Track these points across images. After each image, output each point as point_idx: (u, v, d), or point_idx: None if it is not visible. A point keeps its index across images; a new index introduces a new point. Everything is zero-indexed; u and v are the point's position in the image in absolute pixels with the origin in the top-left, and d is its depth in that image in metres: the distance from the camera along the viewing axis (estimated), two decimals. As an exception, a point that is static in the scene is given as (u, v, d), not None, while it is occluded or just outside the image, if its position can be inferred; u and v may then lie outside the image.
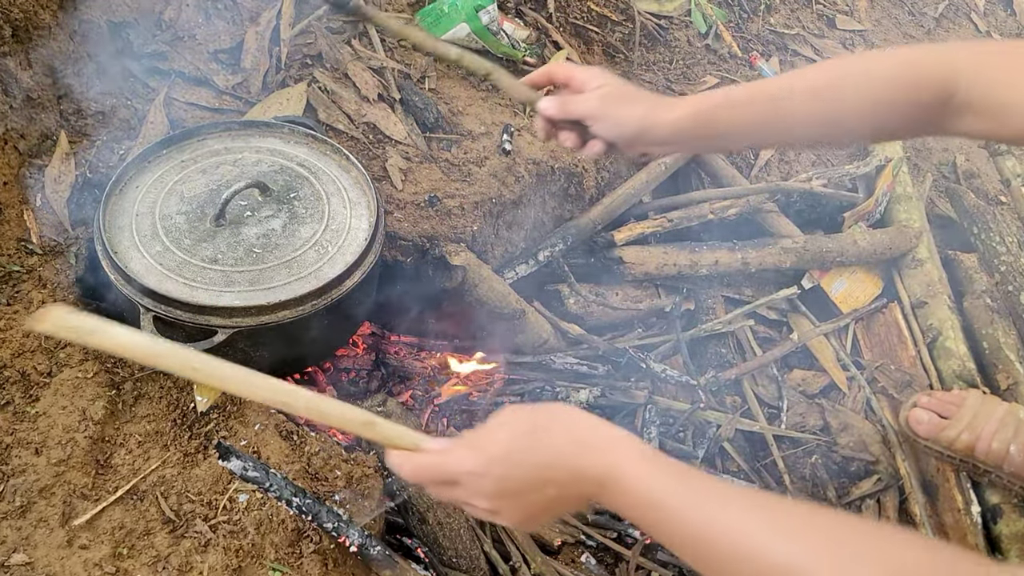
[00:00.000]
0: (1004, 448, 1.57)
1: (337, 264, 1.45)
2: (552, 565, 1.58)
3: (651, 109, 1.16)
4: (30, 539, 1.19)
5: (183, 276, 1.39)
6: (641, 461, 0.84)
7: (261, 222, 1.49)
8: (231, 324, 1.33)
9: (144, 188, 1.50)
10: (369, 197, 1.56)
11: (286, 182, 1.56)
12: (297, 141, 1.64)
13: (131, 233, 1.43)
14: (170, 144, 1.56)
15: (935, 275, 2.09)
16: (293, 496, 1.29)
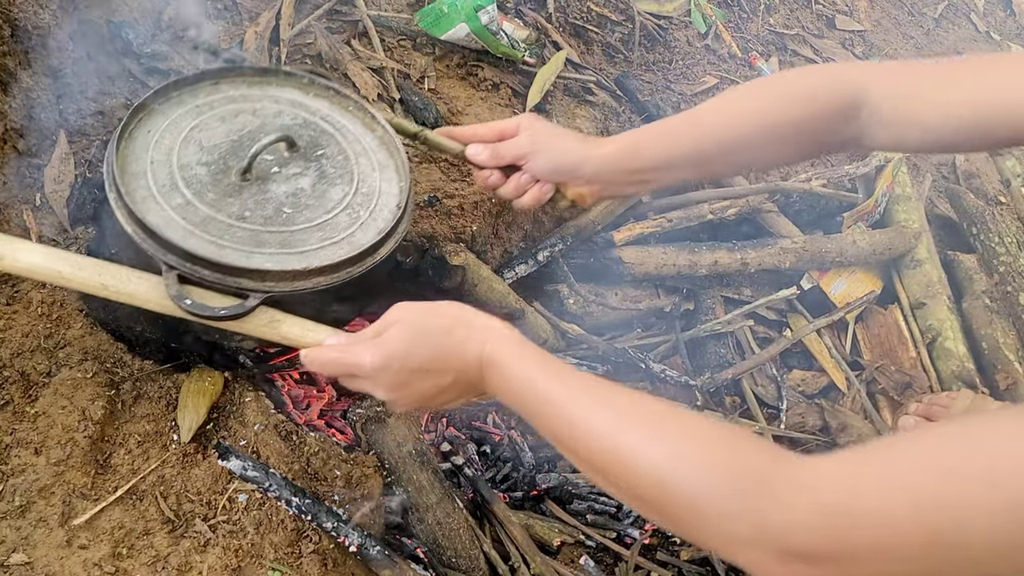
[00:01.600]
0: None
1: (370, 230, 1.35)
2: (551, 565, 1.58)
3: (583, 142, 1.22)
4: (29, 539, 1.19)
5: (208, 233, 1.26)
6: (513, 346, 0.97)
7: (289, 179, 1.37)
8: (263, 288, 1.22)
9: (156, 133, 1.36)
10: (397, 161, 1.46)
11: (312, 138, 1.44)
12: (318, 94, 1.52)
13: (147, 182, 1.29)
14: (181, 87, 1.43)
15: (934, 276, 2.10)
16: (292, 496, 1.29)
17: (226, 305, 1.17)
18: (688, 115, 1.22)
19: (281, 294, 1.23)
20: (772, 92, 1.16)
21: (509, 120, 1.28)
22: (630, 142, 1.20)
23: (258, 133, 1.39)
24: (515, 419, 1.96)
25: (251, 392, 1.47)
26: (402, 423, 1.48)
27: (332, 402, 1.89)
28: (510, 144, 1.26)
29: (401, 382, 1.02)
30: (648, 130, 1.22)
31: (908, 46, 2.98)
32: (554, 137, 1.24)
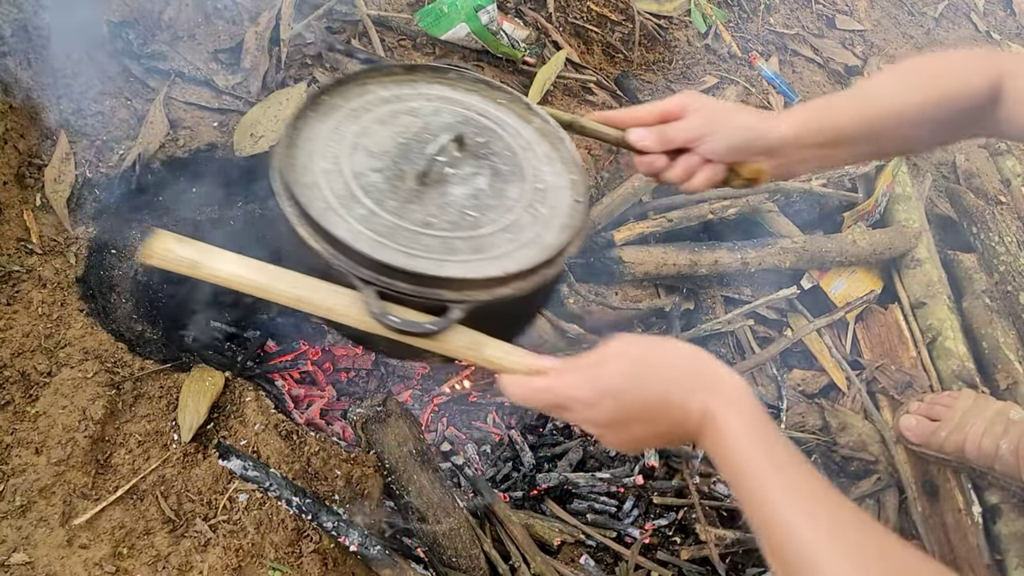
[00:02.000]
0: (993, 448, 1.56)
1: (552, 228, 1.26)
2: (552, 564, 1.58)
3: (759, 118, 1.16)
4: (30, 538, 1.20)
5: (397, 243, 1.16)
6: (734, 413, 0.90)
7: (465, 180, 1.28)
8: (463, 298, 1.12)
9: (319, 141, 1.28)
10: (563, 152, 1.37)
11: (475, 134, 1.35)
12: (468, 88, 1.44)
13: (322, 193, 1.20)
14: (332, 92, 1.34)
15: (934, 275, 2.10)
16: (293, 496, 1.29)
17: (432, 320, 1.09)
18: (859, 90, 1.20)
19: (482, 303, 1.14)
20: (937, 69, 1.16)
21: (670, 100, 1.20)
22: (808, 116, 1.16)
23: (423, 134, 1.32)
24: (515, 419, 1.96)
25: (252, 392, 1.47)
26: (402, 423, 1.48)
27: (332, 402, 1.89)
28: (679, 126, 1.18)
29: (614, 421, 0.95)
30: (822, 105, 1.18)
31: (908, 46, 2.98)
32: (729, 114, 1.17)
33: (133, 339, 1.56)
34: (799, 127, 1.15)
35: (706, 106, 1.17)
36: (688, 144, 1.17)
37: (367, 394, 1.94)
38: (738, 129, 1.16)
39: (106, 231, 1.63)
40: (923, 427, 1.67)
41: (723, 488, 1.78)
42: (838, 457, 1.86)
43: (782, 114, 1.18)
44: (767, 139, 1.15)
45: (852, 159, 1.25)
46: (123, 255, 1.67)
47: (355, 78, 1.36)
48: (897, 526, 1.74)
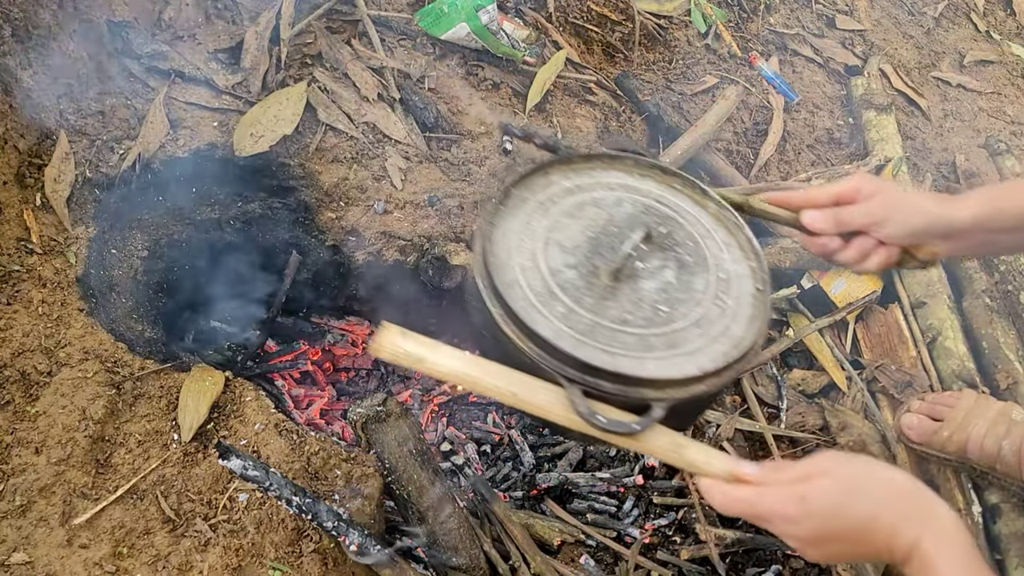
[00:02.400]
0: (995, 448, 1.56)
1: (740, 320, 1.27)
2: (551, 564, 1.58)
3: (938, 202, 1.15)
4: (30, 538, 1.20)
5: (597, 341, 1.19)
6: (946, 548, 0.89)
7: (654, 274, 1.30)
8: (663, 396, 1.15)
9: (514, 236, 1.31)
10: (740, 238, 1.38)
11: (657, 223, 1.37)
12: (643, 174, 1.46)
13: (523, 291, 1.23)
14: (519, 184, 1.37)
15: (934, 275, 2.09)
16: (293, 495, 1.29)
17: (636, 419, 1.12)
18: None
19: (680, 401, 1.17)
20: None
21: (844, 183, 1.21)
22: (992, 200, 1.15)
23: (609, 227, 1.34)
24: (515, 419, 1.96)
25: (252, 391, 1.47)
26: (402, 422, 1.47)
27: (332, 402, 1.89)
28: (856, 211, 1.18)
29: (816, 539, 0.95)
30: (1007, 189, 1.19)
31: (908, 45, 2.98)
32: (907, 201, 1.17)
33: (133, 339, 1.56)
34: (981, 212, 1.14)
35: (882, 190, 1.17)
36: (864, 228, 1.18)
37: (367, 394, 1.94)
38: (917, 214, 1.16)
39: (106, 231, 1.63)
40: (925, 426, 1.67)
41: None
42: (838, 457, 1.86)
43: (961, 197, 1.17)
44: (946, 224, 1.15)
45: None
46: (123, 254, 1.67)
47: (538, 169, 1.39)
48: (897, 526, 1.74)
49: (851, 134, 2.55)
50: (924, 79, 2.89)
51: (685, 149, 2.16)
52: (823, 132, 2.53)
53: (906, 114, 2.70)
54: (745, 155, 2.37)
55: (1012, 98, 2.96)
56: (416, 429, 1.50)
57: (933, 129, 2.71)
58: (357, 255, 1.75)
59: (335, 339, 1.99)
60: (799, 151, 2.45)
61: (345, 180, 1.77)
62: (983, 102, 2.89)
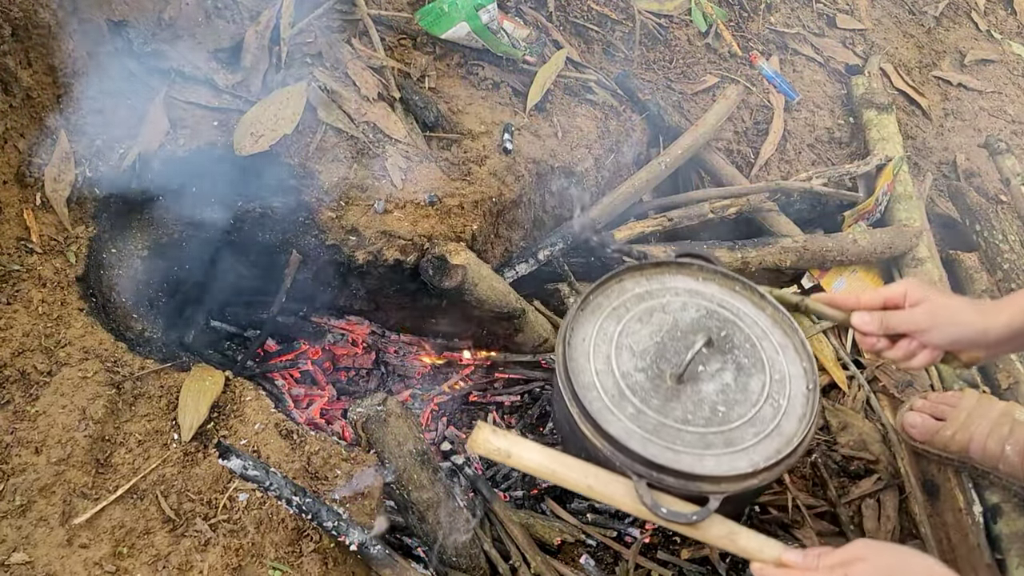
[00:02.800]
0: (998, 448, 1.56)
1: (792, 418, 1.41)
2: (551, 564, 1.58)
3: (980, 313, 1.24)
4: (30, 538, 1.19)
5: (662, 439, 1.34)
6: None
7: (714, 376, 1.44)
8: (720, 490, 1.30)
9: (590, 341, 1.46)
10: (795, 340, 1.51)
11: (718, 328, 1.52)
12: (707, 279, 1.60)
13: (598, 393, 1.39)
14: (597, 292, 1.53)
15: (935, 274, 2.09)
16: (293, 495, 1.29)
17: (695, 510, 1.26)
18: None
19: (734, 493, 1.30)
20: None
21: (893, 288, 1.31)
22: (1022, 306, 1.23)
23: (675, 331, 1.49)
24: (515, 418, 1.96)
25: (252, 391, 1.47)
26: (402, 422, 1.47)
27: (332, 401, 1.89)
28: (903, 317, 1.28)
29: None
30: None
31: (909, 45, 2.97)
32: (951, 312, 1.26)
33: (133, 338, 1.56)
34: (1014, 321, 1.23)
35: (928, 299, 1.27)
36: (910, 333, 1.28)
37: (367, 393, 1.94)
38: (959, 326, 1.25)
39: (106, 230, 1.63)
40: (928, 425, 1.67)
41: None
42: (839, 456, 1.86)
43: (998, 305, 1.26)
44: (987, 337, 1.24)
45: None
46: (123, 254, 1.67)
47: (614, 276, 1.55)
48: (898, 526, 1.74)
49: (852, 133, 2.55)
50: (925, 78, 2.89)
51: (685, 148, 2.16)
52: (824, 131, 2.53)
53: (907, 113, 2.70)
54: (745, 154, 2.37)
55: (1013, 97, 2.96)
56: (416, 428, 1.50)
57: (934, 128, 2.71)
58: (357, 254, 1.75)
59: (335, 338, 1.99)
60: (799, 150, 2.45)
61: (345, 179, 1.77)
62: (984, 101, 2.89)
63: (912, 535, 1.73)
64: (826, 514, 1.78)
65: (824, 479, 1.80)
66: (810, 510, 1.76)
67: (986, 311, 1.26)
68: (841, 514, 1.74)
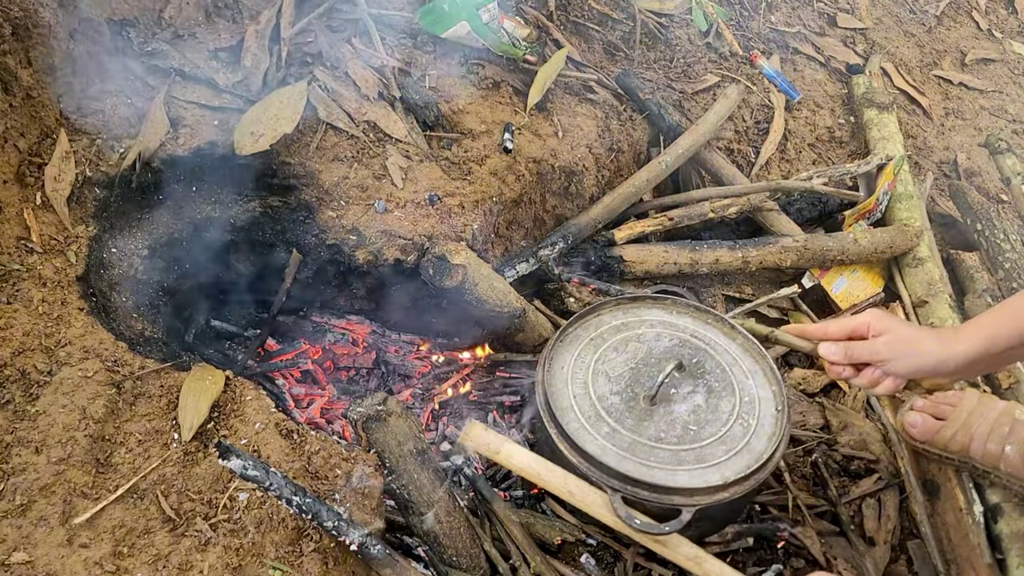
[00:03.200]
0: (999, 448, 1.56)
1: (762, 437, 1.52)
2: (552, 564, 1.58)
3: (940, 343, 1.30)
4: (30, 538, 1.19)
5: (636, 456, 1.44)
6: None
7: (685, 398, 1.56)
8: (692, 503, 1.39)
9: (568, 368, 1.59)
10: (763, 366, 1.64)
11: (690, 355, 1.63)
12: (680, 312, 1.73)
13: (576, 415, 1.51)
14: (575, 323, 1.67)
15: (936, 274, 2.09)
16: (293, 495, 1.29)
17: (669, 523, 1.37)
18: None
19: (706, 506, 1.40)
20: None
21: (856, 319, 1.37)
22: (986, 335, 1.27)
23: (649, 358, 1.61)
24: (515, 418, 1.96)
25: (252, 390, 1.47)
26: (402, 422, 1.47)
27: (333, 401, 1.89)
28: (866, 348, 1.34)
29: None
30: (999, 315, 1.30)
31: (910, 44, 2.97)
32: (911, 343, 1.31)
33: (133, 338, 1.56)
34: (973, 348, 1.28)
35: (890, 330, 1.33)
36: (872, 362, 1.34)
37: (367, 393, 1.94)
38: (919, 357, 1.30)
39: (106, 230, 1.63)
40: (928, 425, 1.67)
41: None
42: (839, 456, 1.86)
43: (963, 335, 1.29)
44: (947, 366, 1.29)
45: None
46: (123, 254, 1.67)
47: (593, 310, 1.69)
48: (898, 525, 1.74)
49: (852, 133, 2.55)
50: (926, 77, 2.89)
51: (686, 148, 2.16)
52: (824, 131, 2.53)
53: (907, 112, 2.70)
54: (746, 154, 2.37)
55: (1013, 96, 2.96)
56: (416, 428, 1.50)
57: (934, 128, 2.71)
58: (358, 254, 1.75)
59: (336, 338, 1.99)
60: (800, 150, 2.45)
61: (346, 179, 1.77)
62: (985, 100, 2.89)
63: (913, 534, 1.73)
64: (827, 513, 1.77)
65: (825, 479, 1.80)
66: (811, 509, 1.75)
67: (946, 340, 1.30)
68: (842, 513, 1.74)
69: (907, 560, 1.70)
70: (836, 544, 1.71)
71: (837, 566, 1.66)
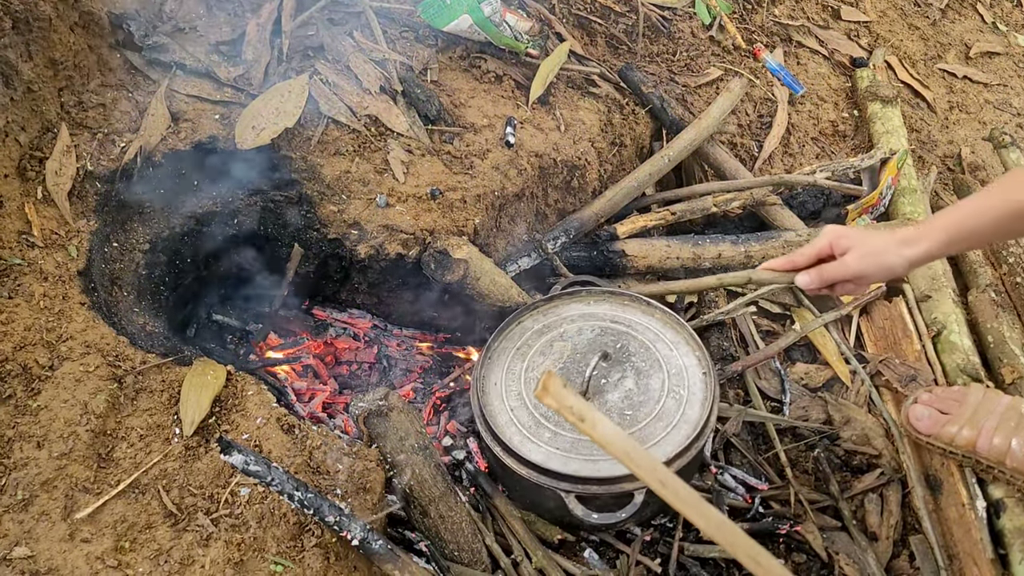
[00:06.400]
0: (1006, 443, 1.56)
1: (695, 405, 1.56)
2: (554, 559, 1.58)
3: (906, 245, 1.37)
4: (32, 532, 1.20)
5: (581, 454, 1.48)
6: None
7: (616, 385, 1.59)
8: (641, 486, 1.43)
9: (501, 383, 1.61)
10: (684, 335, 1.68)
11: (613, 341, 1.66)
12: (596, 300, 1.76)
13: (517, 428, 1.54)
14: (499, 336, 1.69)
15: (939, 269, 2.08)
16: (295, 490, 1.29)
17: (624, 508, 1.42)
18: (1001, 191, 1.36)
19: None
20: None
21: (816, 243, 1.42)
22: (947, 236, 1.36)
23: (575, 355, 1.64)
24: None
25: (253, 385, 1.46)
26: (404, 417, 1.47)
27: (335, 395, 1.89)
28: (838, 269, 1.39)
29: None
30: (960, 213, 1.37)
31: (914, 37, 2.96)
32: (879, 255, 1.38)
33: (135, 333, 1.55)
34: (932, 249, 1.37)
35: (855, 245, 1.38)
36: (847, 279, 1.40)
37: (369, 388, 1.94)
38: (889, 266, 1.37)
39: (107, 224, 1.63)
40: (934, 419, 1.67)
41: (729, 480, 1.77)
42: (841, 451, 1.85)
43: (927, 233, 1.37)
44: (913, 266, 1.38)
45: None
46: (124, 248, 1.66)
47: (513, 319, 1.72)
48: (900, 521, 1.73)
49: (856, 127, 2.54)
50: (930, 71, 2.88)
51: (689, 142, 2.15)
52: (828, 124, 2.52)
53: (912, 106, 2.68)
54: (749, 148, 2.36)
55: (1018, 90, 2.94)
56: (418, 423, 1.50)
57: (939, 121, 2.70)
58: (359, 248, 1.75)
59: (337, 332, 1.99)
60: (803, 144, 2.44)
61: (347, 173, 1.77)
62: (989, 94, 2.88)
63: (915, 529, 1.73)
64: (828, 508, 1.77)
65: (827, 474, 1.80)
66: (812, 504, 1.75)
67: (910, 242, 1.37)
68: (843, 509, 1.74)
69: (909, 555, 1.69)
70: (838, 539, 1.71)
71: (839, 561, 1.66)
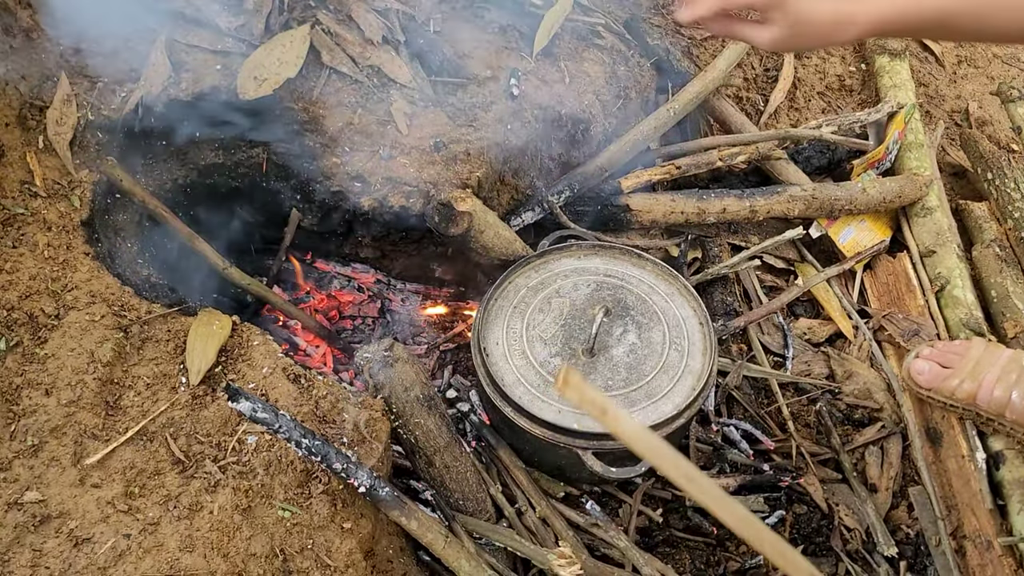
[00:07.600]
0: (1006, 396, 1.57)
1: (696, 355, 1.58)
2: (557, 508, 1.59)
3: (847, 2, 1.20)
4: (43, 477, 1.21)
5: None
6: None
7: (620, 340, 1.59)
8: None
9: (503, 343, 1.60)
10: (677, 285, 1.69)
11: (611, 296, 1.67)
12: (587, 254, 1.77)
13: (526, 387, 1.53)
14: (495, 293, 1.67)
15: (944, 224, 2.08)
16: (302, 438, 1.30)
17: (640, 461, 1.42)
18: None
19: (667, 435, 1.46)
20: None
21: None
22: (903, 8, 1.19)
23: (574, 311, 1.64)
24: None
25: (259, 336, 1.47)
26: (409, 367, 1.48)
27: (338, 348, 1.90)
28: None
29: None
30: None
31: None
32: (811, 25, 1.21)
33: (139, 283, 1.55)
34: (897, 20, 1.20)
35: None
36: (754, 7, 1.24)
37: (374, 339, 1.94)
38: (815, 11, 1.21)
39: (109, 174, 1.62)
40: (935, 372, 1.67)
41: (732, 432, 1.79)
42: (843, 405, 1.87)
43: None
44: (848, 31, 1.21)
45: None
46: (127, 199, 1.66)
47: (506, 277, 1.70)
48: (900, 473, 1.75)
49: (863, 81, 2.51)
50: (939, 25, 2.83)
51: (695, 95, 2.13)
52: (834, 79, 2.49)
53: (919, 60, 2.65)
54: (755, 102, 2.34)
55: (1028, 45, 2.90)
56: (422, 375, 1.51)
57: (947, 76, 2.67)
58: (362, 201, 1.74)
59: (341, 285, 1.99)
60: (809, 98, 2.42)
61: (350, 125, 1.75)
62: (998, 48, 2.84)
63: (914, 481, 1.74)
64: (830, 461, 1.79)
65: (828, 427, 1.81)
66: (814, 457, 1.77)
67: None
68: (844, 461, 1.76)
69: (908, 506, 1.71)
70: (838, 491, 1.73)
71: (839, 512, 1.68)
